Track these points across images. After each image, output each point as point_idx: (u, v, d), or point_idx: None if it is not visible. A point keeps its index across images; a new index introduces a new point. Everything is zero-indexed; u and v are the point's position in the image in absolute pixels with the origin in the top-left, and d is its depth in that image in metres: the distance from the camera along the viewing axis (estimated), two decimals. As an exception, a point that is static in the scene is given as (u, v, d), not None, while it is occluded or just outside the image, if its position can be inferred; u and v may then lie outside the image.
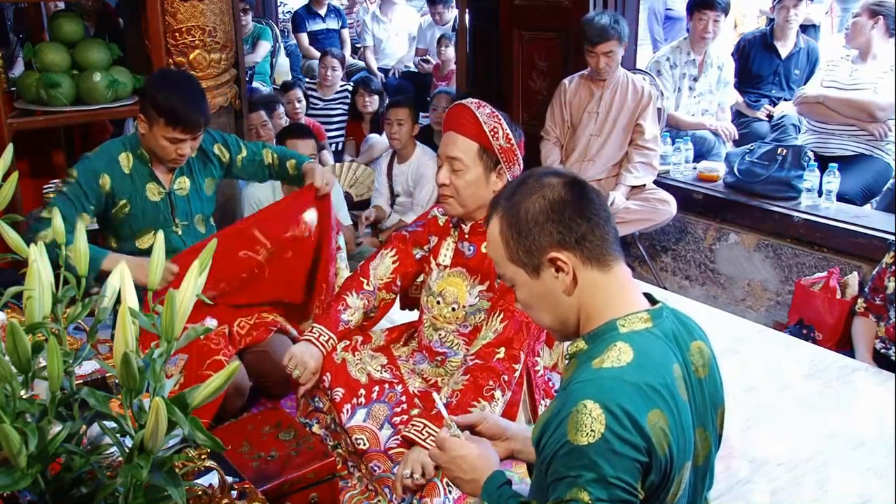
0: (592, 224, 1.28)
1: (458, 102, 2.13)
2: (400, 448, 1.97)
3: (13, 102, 3.28)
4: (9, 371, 1.06)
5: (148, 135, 2.50)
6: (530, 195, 1.30)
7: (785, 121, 4.48)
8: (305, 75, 6.60)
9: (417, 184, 4.15)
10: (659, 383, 1.17)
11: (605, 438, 1.11)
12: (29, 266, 1.15)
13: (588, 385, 1.17)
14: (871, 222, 3.56)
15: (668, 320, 1.30)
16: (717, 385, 1.34)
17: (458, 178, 2.05)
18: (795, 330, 3.28)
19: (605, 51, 3.72)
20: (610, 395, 1.14)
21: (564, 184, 1.31)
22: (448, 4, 6.43)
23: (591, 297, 1.28)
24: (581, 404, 1.14)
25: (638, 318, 1.26)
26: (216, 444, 1.06)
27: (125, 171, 2.54)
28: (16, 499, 1.22)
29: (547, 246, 1.27)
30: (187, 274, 1.15)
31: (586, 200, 1.30)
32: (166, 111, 2.43)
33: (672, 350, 1.24)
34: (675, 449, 1.16)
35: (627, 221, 3.83)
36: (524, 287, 1.32)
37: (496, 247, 1.33)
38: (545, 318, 1.34)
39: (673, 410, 1.16)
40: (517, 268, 1.30)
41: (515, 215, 1.29)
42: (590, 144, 3.92)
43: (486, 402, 1.89)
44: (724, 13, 4.35)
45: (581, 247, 1.27)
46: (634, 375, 1.17)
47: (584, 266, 1.27)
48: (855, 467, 2.23)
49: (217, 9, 3.30)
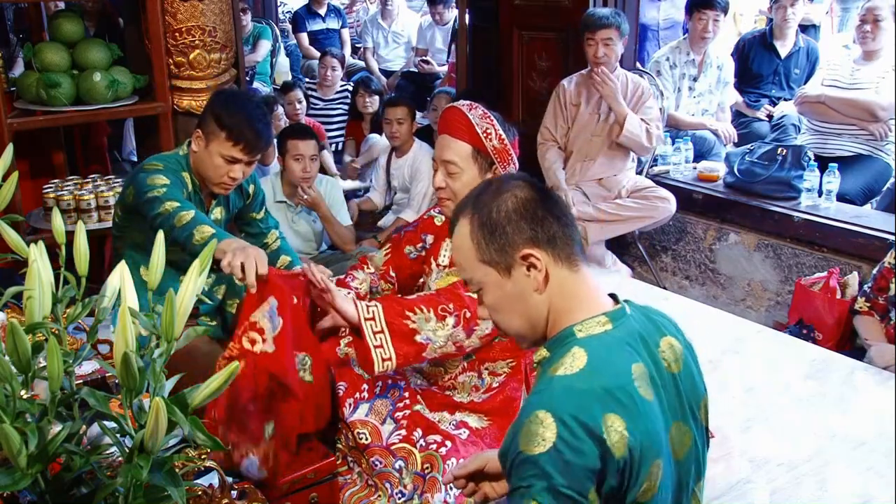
0: (562, 223, 1.30)
1: (450, 105, 2.15)
2: (402, 443, 1.97)
3: (13, 102, 3.28)
4: (9, 371, 1.06)
5: (202, 152, 2.38)
6: (499, 195, 1.31)
7: (785, 121, 4.48)
8: (305, 75, 6.60)
9: (413, 178, 4.17)
10: (614, 386, 1.17)
11: (556, 448, 1.12)
12: (29, 266, 1.15)
13: (542, 394, 1.19)
14: (871, 222, 3.56)
15: (633, 319, 1.30)
16: (694, 378, 1.34)
17: (454, 181, 2.07)
18: (795, 330, 3.28)
19: (603, 37, 3.71)
20: (561, 403, 1.15)
21: (531, 185, 1.34)
22: (448, 4, 6.44)
23: (560, 296, 1.29)
24: (534, 414, 1.16)
25: (596, 321, 1.27)
26: (216, 444, 1.06)
27: (188, 189, 2.43)
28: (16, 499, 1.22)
29: (520, 243, 1.28)
30: (187, 274, 1.16)
31: (553, 201, 1.33)
32: (229, 127, 2.32)
33: (634, 350, 1.25)
34: (638, 449, 1.16)
35: (627, 219, 3.83)
36: (494, 288, 1.31)
37: (465, 250, 1.33)
38: (514, 321, 1.34)
39: (631, 412, 1.17)
40: (488, 268, 1.30)
41: (487, 215, 1.30)
42: (591, 144, 3.91)
43: (437, 319, 1.92)
44: (723, 12, 4.35)
45: (552, 245, 1.29)
46: (587, 381, 1.18)
47: (555, 264, 1.29)
48: (855, 467, 2.22)
49: (217, 9, 3.30)
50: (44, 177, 3.51)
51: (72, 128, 3.98)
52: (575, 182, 3.93)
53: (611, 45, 3.73)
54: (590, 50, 3.76)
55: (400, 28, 6.80)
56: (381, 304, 1.94)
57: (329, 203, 3.75)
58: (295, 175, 3.59)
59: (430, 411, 2.03)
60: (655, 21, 5.33)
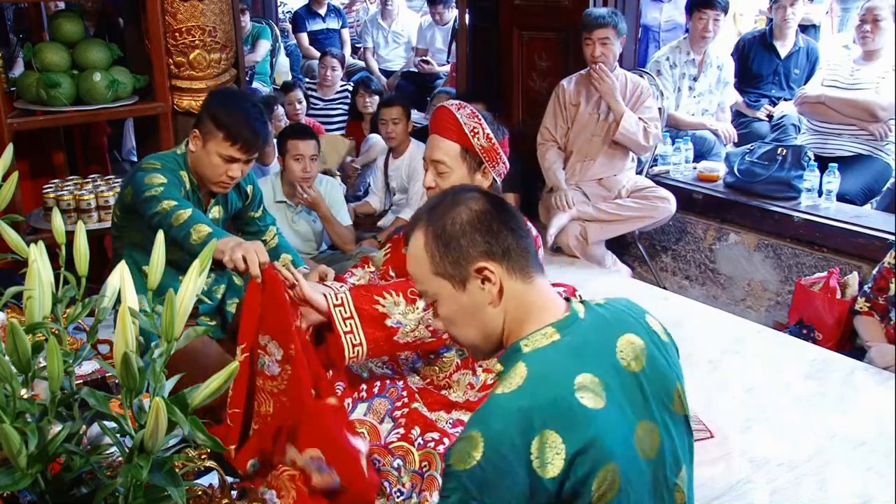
0: (517, 236, 1.30)
1: (439, 105, 2.16)
2: (400, 442, 1.97)
3: (13, 102, 3.28)
4: (9, 371, 1.06)
5: (200, 152, 2.38)
6: (454, 207, 1.31)
7: (785, 121, 4.48)
8: (305, 75, 6.60)
9: (411, 178, 4.18)
10: (551, 400, 1.17)
11: (480, 466, 1.14)
12: (29, 266, 1.15)
13: (480, 412, 1.21)
14: (871, 222, 3.56)
15: (585, 324, 1.29)
16: (661, 369, 1.31)
17: (443, 181, 2.08)
18: (795, 330, 3.28)
19: (600, 37, 3.71)
20: (493, 423, 1.16)
21: (487, 197, 1.33)
22: (448, 4, 6.44)
23: (514, 309, 1.29)
24: (468, 432, 1.17)
25: (542, 334, 1.27)
26: (216, 444, 1.06)
27: (186, 188, 2.43)
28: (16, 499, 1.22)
29: (475, 256, 1.27)
30: (187, 274, 1.16)
31: (509, 213, 1.33)
32: (226, 126, 2.33)
33: (581, 359, 1.24)
34: (581, 461, 1.16)
35: (627, 219, 3.83)
36: (449, 301, 1.31)
37: (419, 262, 1.32)
38: (469, 333, 1.34)
39: (569, 424, 1.16)
40: (442, 281, 1.30)
41: (442, 227, 1.30)
42: (591, 145, 3.91)
43: (407, 303, 1.93)
44: (723, 12, 4.35)
45: (507, 258, 1.28)
46: (522, 399, 1.18)
47: (509, 277, 1.29)
48: (855, 467, 2.23)
49: (217, 9, 3.30)
50: (44, 177, 3.51)
51: (72, 128, 3.98)
52: (575, 182, 3.93)
53: (608, 45, 3.73)
54: (587, 49, 3.77)
55: (400, 28, 6.80)
56: (350, 291, 1.95)
57: (329, 203, 3.75)
58: (295, 175, 3.59)
59: (429, 410, 2.04)
60: (657, 22, 5.32)
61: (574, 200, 3.81)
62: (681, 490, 1.32)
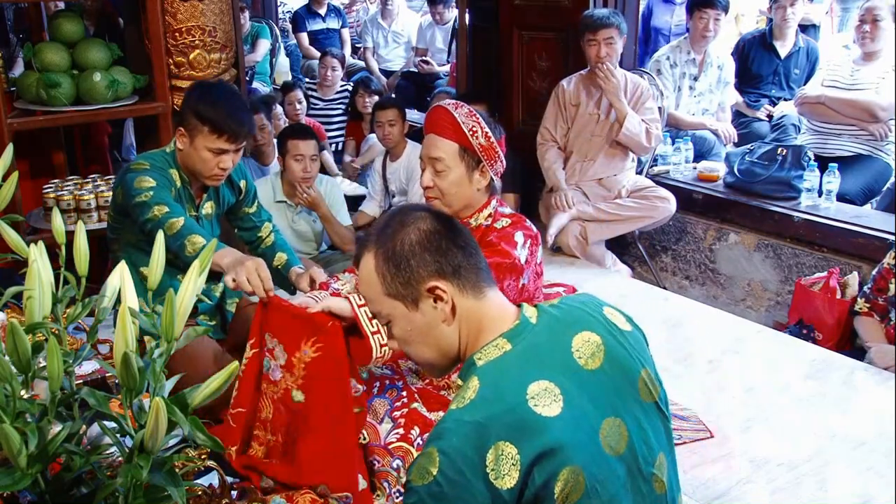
0: (466, 253, 1.31)
1: (435, 105, 2.16)
2: (400, 442, 1.97)
3: (13, 102, 3.28)
4: (9, 371, 1.06)
5: (188, 149, 2.39)
6: (403, 228, 1.32)
7: (785, 121, 4.48)
8: (305, 75, 6.60)
9: (410, 179, 4.17)
10: (503, 411, 1.18)
11: (437, 481, 1.15)
12: (29, 266, 1.15)
13: (436, 429, 1.22)
14: (871, 222, 3.56)
15: (538, 329, 1.29)
16: (623, 363, 1.30)
17: (441, 180, 2.08)
18: (795, 330, 3.28)
19: (605, 37, 3.72)
20: (449, 439, 1.17)
21: (434, 216, 1.34)
22: (448, 4, 6.44)
23: (468, 326, 1.31)
24: (427, 450, 1.18)
25: (493, 346, 1.28)
26: (216, 444, 1.06)
27: (176, 186, 2.44)
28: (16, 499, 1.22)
29: (425, 276, 1.29)
30: (187, 274, 1.16)
31: (457, 231, 1.34)
32: (211, 119, 2.33)
33: (536, 365, 1.24)
34: (539, 467, 1.16)
35: (627, 219, 3.83)
36: (402, 321, 1.32)
37: (370, 283, 1.33)
38: (425, 352, 1.35)
39: (524, 433, 1.17)
40: (395, 302, 1.31)
41: (391, 248, 1.30)
42: (591, 145, 3.91)
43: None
44: (724, 11, 4.35)
45: (458, 275, 1.30)
46: (474, 413, 1.19)
47: (461, 294, 1.30)
48: (855, 467, 2.22)
49: (217, 9, 3.30)
50: (44, 177, 3.51)
51: (72, 128, 3.98)
52: (575, 182, 3.93)
53: (612, 45, 3.74)
54: (591, 50, 3.76)
55: (400, 28, 6.80)
56: None
57: (329, 203, 3.74)
58: (295, 175, 3.59)
59: (428, 411, 2.03)
60: (668, 25, 5.32)
61: (574, 200, 3.81)
62: (659, 479, 1.32)
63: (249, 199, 2.72)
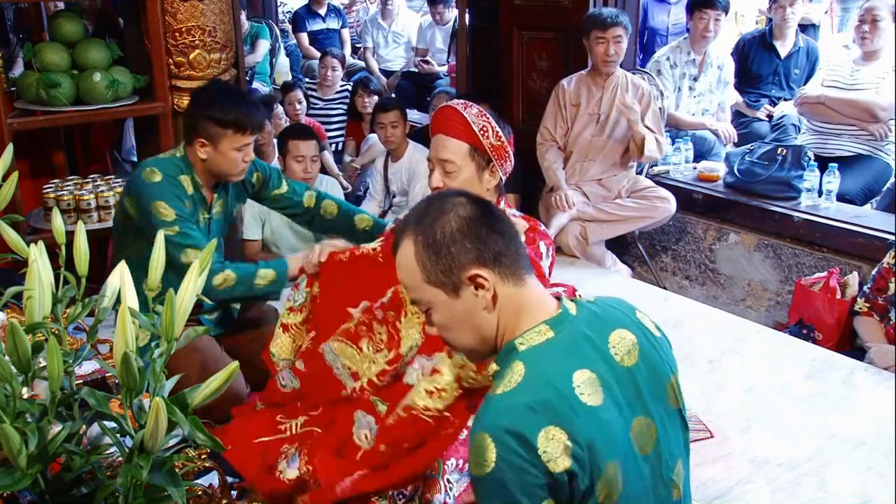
0: (506, 240, 1.30)
1: (444, 105, 2.12)
2: None
3: (13, 102, 3.28)
4: (9, 371, 1.06)
5: (213, 156, 2.41)
6: (442, 214, 1.30)
7: (785, 121, 4.48)
8: (305, 75, 6.60)
9: (412, 179, 4.18)
10: (552, 397, 1.18)
11: (498, 467, 1.14)
12: (29, 266, 1.15)
13: (482, 415, 1.21)
14: (871, 222, 3.56)
15: (578, 321, 1.29)
16: (654, 364, 1.32)
17: (451, 180, 2.06)
18: (795, 330, 3.28)
19: (615, 35, 3.72)
20: (498, 422, 1.16)
21: (473, 202, 1.33)
22: (448, 4, 6.44)
23: (508, 313, 1.30)
24: (476, 437, 1.17)
25: (536, 332, 1.27)
26: (216, 444, 1.06)
27: (188, 193, 2.45)
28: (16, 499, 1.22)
29: (466, 264, 1.27)
30: (187, 274, 1.16)
31: (496, 217, 1.32)
32: (232, 121, 2.37)
33: (578, 355, 1.24)
34: (585, 458, 1.16)
35: (627, 219, 3.83)
36: (443, 308, 1.31)
37: (410, 271, 1.31)
38: (464, 339, 1.33)
39: (572, 421, 1.17)
40: (435, 289, 1.29)
41: (432, 236, 1.29)
42: (591, 145, 3.92)
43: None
44: (724, 12, 4.35)
45: (498, 263, 1.28)
46: (523, 396, 1.18)
47: (501, 282, 1.29)
48: (855, 467, 2.22)
49: (217, 9, 3.30)
50: (44, 177, 3.51)
51: (72, 128, 3.98)
52: (575, 182, 3.93)
53: (620, 43, 3.74)
54: (600, 48, 3.75)
55: (400, 28, 6.80)
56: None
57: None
58: (296, 175, 3.59)
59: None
60: (665, 25, 5.32)
61: (574, 200, 3.81)
62: (677, 486, 1.32)
63: (273, 181, 2.70)
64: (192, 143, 2.43)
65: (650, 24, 5.33)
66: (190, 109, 2.52)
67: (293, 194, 2.71)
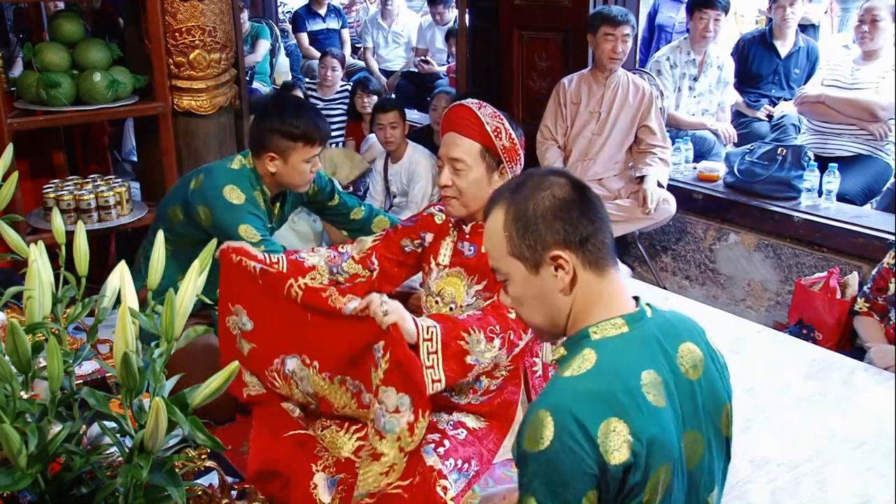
0: (596, 227, 1.28)
1: (458, 103, 2.10)
2: None
3: (13, 102, 3.28)
4: (9, 371, 1.06)
5: (283, 169, 2.48)
6: (538, 191, 1.29)
7: (785, 121, 4.48)
8: (305, 75, 6.60)
9: (411, 180, 4.18)
10: (620, 390, 1.17)
11: (554, 447, 1.13)
12: (29, 266, 1.15)
13: (547, 394, 1.21)
14: (871, 222, 3.56)
15: (652, 323, 1.29)
16: (715, 385, 1.32)
17: (460, 179, 2.04)
18: (795, 330, 3.28)
19: (623, 33, 3.73)
20: (563, 404, 1.16)
21: (571, 184, 1.31)
22: (448, 4, 6.44)
23: (583, 299, 1.29)
24: (536, 413, 1.17)
25: (611, 324, 1.27)
26: (216, 444, 1.06)
27: (263, 210, 2.54)
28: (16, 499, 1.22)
29: (552, 243, 1.26)
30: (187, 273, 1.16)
31: (591, 203, 1.31)
32: (303, 134, 2.44)
33: (648, 355, 1.24)
34: (643, 454, 1.15)
35: (627, 220, 3.83)
36: (520, 283, 1.30)
37: (496, 240, 1.31)
38: (535, 317, 1.33)
39: (636, 417, 1.16)
40: (516, 262, 1.29)
41: (523, 210, 1.28)
42: (591, 144, 3.92)
43: (486, 341, 1.84)
44: (724, 12, 4.35)
45: (583, 248, 1.27)
46: (591, 383, 1.18)
47: (583, 268, 1.27)
48: (855, 467, 2.22)
49: (217, 9, 3.30)
50: (44, 177, 3.50)
51: (72, 128, 3.98)
52: (575, 182, 3.93)
53: (627, 42, 3.76)
54: (607, 45, 3.74)
55: (400, 28, 6.80)
56: (441, 325, 1.82)
57: (329, 203, 3.74)
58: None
59: None
60: (672, 22, 5.32)
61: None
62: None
63: (326, 194, 2.77)
64: (260, 156, 2.49)
65: (658, 20, 5.34)
66: (256, 124, 2.56)
67: (345, 208, 2.80)
